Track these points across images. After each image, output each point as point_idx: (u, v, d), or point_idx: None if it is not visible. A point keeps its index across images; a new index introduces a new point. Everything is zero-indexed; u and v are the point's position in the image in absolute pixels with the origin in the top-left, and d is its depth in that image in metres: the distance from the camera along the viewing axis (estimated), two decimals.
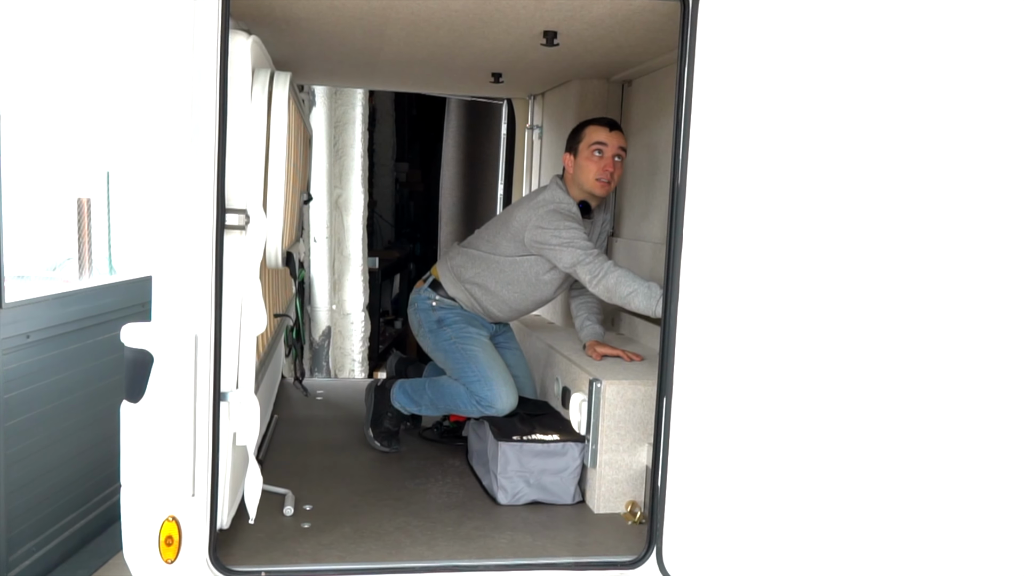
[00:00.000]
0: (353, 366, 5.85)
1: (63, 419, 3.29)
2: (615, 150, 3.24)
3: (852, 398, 2.29)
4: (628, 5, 2.59)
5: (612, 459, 2.95)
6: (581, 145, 3.27)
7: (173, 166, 2.16)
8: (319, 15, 2.82)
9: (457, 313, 3.41)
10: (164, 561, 2.23)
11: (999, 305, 2.27)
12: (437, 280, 3.47)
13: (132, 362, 2.18)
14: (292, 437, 3.67)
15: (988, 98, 2.22)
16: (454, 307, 3.43)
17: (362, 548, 2.57)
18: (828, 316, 2.27)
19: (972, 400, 2.29)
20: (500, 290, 3.36)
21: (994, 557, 2.33)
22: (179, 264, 2.18)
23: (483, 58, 3.54)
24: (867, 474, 2.31)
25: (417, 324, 3.50)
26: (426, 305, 3.46)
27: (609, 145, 3.23)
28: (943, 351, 2.28)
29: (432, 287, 3.47)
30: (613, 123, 3.29)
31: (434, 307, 3.43)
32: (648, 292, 2.92)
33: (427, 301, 3.46)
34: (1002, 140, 2.23)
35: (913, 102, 2.22)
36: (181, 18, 2.12)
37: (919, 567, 2.33)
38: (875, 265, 2.26)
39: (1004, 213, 2.25)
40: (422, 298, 3.48)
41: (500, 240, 3.33)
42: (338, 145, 5.73)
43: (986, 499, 2.32)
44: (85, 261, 4.73)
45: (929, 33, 2.20)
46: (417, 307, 3.49)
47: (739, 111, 2.22)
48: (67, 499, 3.35)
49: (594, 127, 3.27)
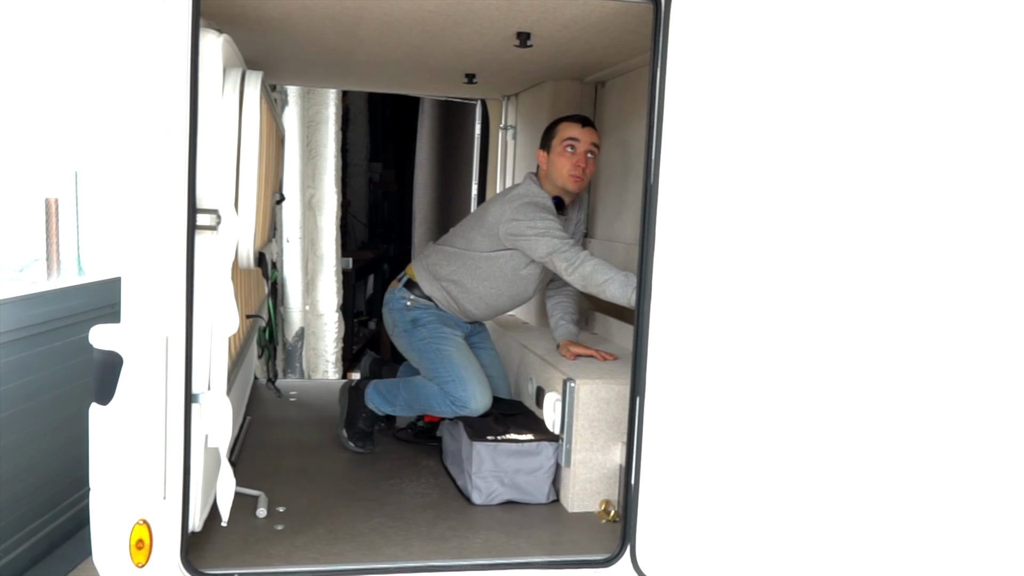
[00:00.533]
0: (327, 367, 5.82)
1: (30, 422, 3.24)
2: (587, 146, 3.27)
3: (825, 395, 2.32)
4: (601, 7, 2.61)
5: (586, 458, 2.96)
6: (554, 141, 3.29)
7: (144, 166, 2.14)
8: (291, 15, 2.81)
9: (432, 313, 3.41)
10: (135, 565, 2.20)
11: (971, 296, 2.31)
12: (412, 279, 3.47)
13: (101, 364, 2.16)
14: (265, 438, 3.65)
15: (959, 98, 2.25)
16: (429, 307, 3.42)
17: (336, 549, 2.56)
18: (801, 315, 2.30)
19: (947, 396, 2.33)
20: (476, 287, 3.36)
21: (976, 557, 2.36)
22: (150, 264, 2.16)
23: (456, 59, 3.54)
24: (841, 471, 2.34)
25: (392, 324, 3.49)
26: (401, 305, 3.45)
27: (581, 141, 3.26)
28: (917, 347, 2.31)
29: (407, 286, 3.47)
30: (586, 119, 3.32)
31: (409, 307, 3.43)
32: (624, 281, 2.93)
33: (402, 301, 3.45)
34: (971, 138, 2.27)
35: (885, 101, 2.25)
36: (151, 17, 2.10)
37: (894, 564, 2.37)
38: (847, 262, 2.29)
39: (976, 206, 2.29)
40: (396, 298, 3.48)
41: (475, 236, 3.33)
42: (311, 145, 5.71)
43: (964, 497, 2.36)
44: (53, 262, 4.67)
45: (902, 33, 2.23)
46: (392, 307, 3.49)
47: (711, 112, 2.24)
48: (35, 503, 3.31)
49: (567, 124, 3.30)
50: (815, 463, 2.34)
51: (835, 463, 2.34)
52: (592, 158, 3.30)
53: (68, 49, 4.53)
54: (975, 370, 2.32)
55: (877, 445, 2.34)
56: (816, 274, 2.29)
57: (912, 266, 2.30)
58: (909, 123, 2.26)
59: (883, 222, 2.28)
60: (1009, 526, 2.36)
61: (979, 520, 2.37)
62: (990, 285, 2.31)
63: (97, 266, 4.77)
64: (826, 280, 2.29)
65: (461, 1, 2.60)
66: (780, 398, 2.32)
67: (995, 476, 2.35)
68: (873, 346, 2.31)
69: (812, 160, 2.26)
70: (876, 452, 2.34)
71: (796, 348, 2.31)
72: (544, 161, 3.34)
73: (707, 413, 2.32)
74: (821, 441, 2.33)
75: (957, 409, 2.33)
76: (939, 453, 2.34)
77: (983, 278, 2.31)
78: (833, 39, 2.23)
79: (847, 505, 2.35)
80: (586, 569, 2.49)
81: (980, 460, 2.35)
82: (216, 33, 2.28)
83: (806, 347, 2.31)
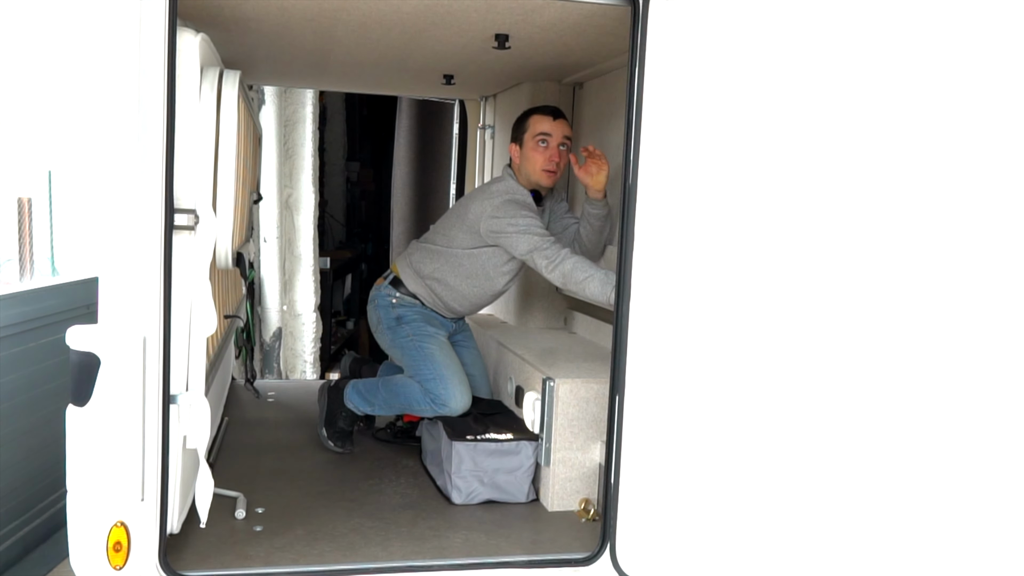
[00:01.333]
0: (304, 367, 5.80)
1: (4, 425, 3.20)
2: (560, 139, 3.25)
3: (807, 392, 2.34)
4: (579, 9, 2.62)
5: (566, 457, 2.97)
6: (526, 136, 3.27)
7: (121, 165, 2.12)
8: (268, 16, 2.80)
9: (416, 311, 3.41)
10: (112, 567, 2.18)
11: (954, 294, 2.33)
12: (397, 277, 3.47)
13: (78, 365, 2.14)
14: (243, 439, 3.63)
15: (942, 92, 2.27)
16: (414, 305, 3.42)
17: (316, 550, 2.56)
18: (780, 313, 2.32)
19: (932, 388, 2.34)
20: (459, 284, 3.36)
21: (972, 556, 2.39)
22: (127, 265, 2.14)
23: (434, 60, 3.54)
24: (822, 469, 2.36)
25: (376, 321, 3.49)
26: (386, 302, 3.45)
27: (553, 135, 3.23)
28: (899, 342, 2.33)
29: (392, 284, 3.47)
30: (556, 111, 3.28)
31: (394, 304, 3.43)
32: (604, 279, 2.92)
33: (387, 298, 3.45)
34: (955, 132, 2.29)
35: (866, 99, 2.27)
36: (127, 16, 2.08)
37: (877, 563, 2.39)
38: (828, 260, 2.31)
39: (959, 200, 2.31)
40: (382, 295, 3.47)
41: (456, 233, 3.33)
42: (288, 144, 5.68)
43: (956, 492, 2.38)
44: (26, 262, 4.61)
45: (881, 30, 2.25)
46: (377, 304, 3.49)
47: (689, 112, 2.25)
48: (9, 506, 3.27)
49: (538, 116, 3.27)
50: (796, 460, 2.36)
51: (817, 460, 2.36)
52: (565, 151, 3.28)
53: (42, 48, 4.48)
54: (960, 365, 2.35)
55: (859, 442, 2.36)
56: (796, 271, 2.31)
57: (893, 260, 2.31)
58: (891, 121, 2.28)
59: (864, 218, 2.31)
60: (1006, 526, 2.39)
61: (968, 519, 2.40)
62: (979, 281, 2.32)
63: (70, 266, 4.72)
64: (806, 277, 2.31)
65: (439, 3, 2.61)
66: (761, 395, 2.34)
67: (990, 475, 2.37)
68: (854, 343, 2.33)
69: (791, 158, 2.28)
70: (858, 449, 2.36)
71: (776, 345, 2.33)
72: (516, 155, 3.30)
73: (687, 411, 2.33)
74: (802, 438, 2.36)
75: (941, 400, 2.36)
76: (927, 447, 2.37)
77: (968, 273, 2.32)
78: (812, 38, 2.25)
79: (829, 502, 2.37)
80: (566, 568, 2.50)
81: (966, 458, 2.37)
82: (193, 32, 2.27)
83: (786, 344, 2.33)
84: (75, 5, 4.20)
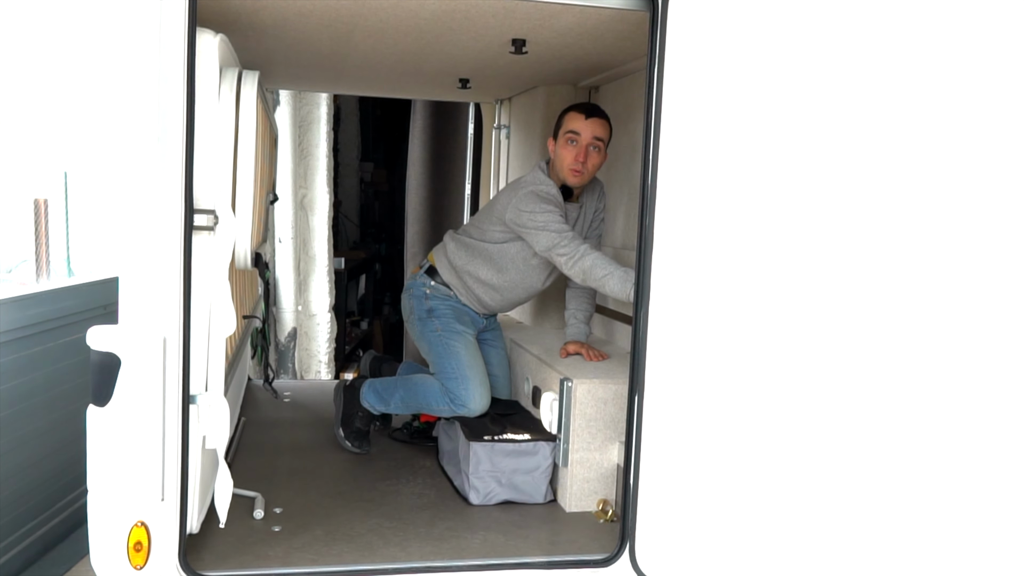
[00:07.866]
0: (319, 367, 5.81)
1: (23, 424, 3.22)
2: (590, 139, 3.17)
3: (824, 393, 2.33)
4: (597, 14, 2.61)
5: (583, 458, 2.97)
6: (560, 131, 3.24)
7: (141, 166, 2.13)
8: (286, 21, 2.80)
9: (449, 306, 3.41)
10: (133, 567, 2.19)
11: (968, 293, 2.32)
12: (433, 266, 3.47)
13: (99, 365, 2.15)
14: (260, 439, 3.64)
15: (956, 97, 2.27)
16: (447, 298, 3.42)
17: (334, 551, 2.56)
18: (799, 313, 2.31)
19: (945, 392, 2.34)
20: (492, 278, 3.36)
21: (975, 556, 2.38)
22: (147, 265, 2.15)
23: (451, 64, 3.54)
24: (841, 470, 2.35)
25: (408, 310, 3.50)
26: (420, 292, 3.45)
27: (583, 134, 3.17)
28: (915, 345, 2.32)
29: (428, 273, 3.47)
30: (592, 110, 3.21)
31: (428, 295, 3.43)
32: (624, 276, 2.90)
33: (422, 288, 3.46)
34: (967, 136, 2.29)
35: (881, 102, 2.26)
36: (147, 17, 2.09)
37: (893, 563, 2.38)
38: (845, 261, 2.30)
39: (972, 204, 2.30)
40: (417, 284, 3.48)
41: (487, 227, 3.33)
42: (303, 145, 5.69)
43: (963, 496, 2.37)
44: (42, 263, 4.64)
45: (897, 34, 2.24)
46: (412, 293, 3.49)
47: (707, 114, 2.24)
48: (29, 505, 3.29)
49: (572, 114, 3.22)
50: (814, 461, 2.35)
51: (834, 461, 2.35)
52: (596, 151, 3.20)
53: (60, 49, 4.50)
54: (973, 368, 2.34)
55: (876, 443, 2.35)
56: (814, 272, 2.30)
57: (910, 264, 2.31)
58: (906, 124, 2.27)
59: (880, 221, 2.30)
60: (1008, 526, 2.38)
61: (978, 519, 2.38)
62: (987, 283, 2.32)
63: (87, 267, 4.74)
64: (824, 278, 2.31)
65: (457, 8, 2.60)
66: (779, 396, 2.33)
67: (994, 475, 2.36)
68: (871, 344, 2.32)
69: (808, 161, 2.27)
70: (875, 450, 2.35)
71: (794, 346, 2.32)
72: (552, 149, 3.29)
73: (706, 411, 2.32)
74: (820, 439, 2.34)
75: (956, 406, 2.35)
76: (938, 451, 2.36)
77: (980, 276, 2.32)
78: (829, 42, 2.24)
79: (846, 503, 2.36)
80: (585, 569, 2.49)
81: (979, 459, 2.36)
82: (212, 33, 2.28)
83: (804, 345, 2.32)
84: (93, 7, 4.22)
